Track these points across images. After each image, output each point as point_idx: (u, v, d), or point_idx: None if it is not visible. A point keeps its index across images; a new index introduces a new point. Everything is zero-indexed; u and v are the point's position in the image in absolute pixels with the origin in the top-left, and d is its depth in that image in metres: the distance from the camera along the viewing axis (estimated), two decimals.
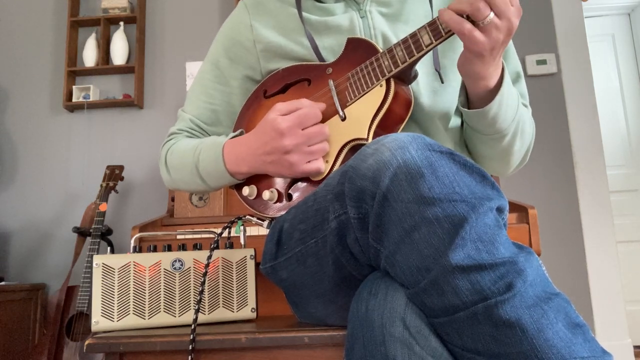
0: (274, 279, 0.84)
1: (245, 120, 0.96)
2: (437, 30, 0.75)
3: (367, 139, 0.79)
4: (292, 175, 0.84)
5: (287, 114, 0.81)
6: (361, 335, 0.59)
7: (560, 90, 2.49)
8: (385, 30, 0.90)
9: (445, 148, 0.60)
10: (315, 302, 0.79)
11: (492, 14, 0.69)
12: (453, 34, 0.74)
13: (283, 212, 0.86)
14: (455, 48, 0.91)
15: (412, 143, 0.59)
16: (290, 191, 0.87)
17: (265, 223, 0.92)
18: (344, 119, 0.83)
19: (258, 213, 0.91)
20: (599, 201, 2.38)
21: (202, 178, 0.93)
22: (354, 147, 0.82)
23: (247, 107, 0.98)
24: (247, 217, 0.94)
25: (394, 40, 0.88)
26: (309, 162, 0.81)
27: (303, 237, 0.74)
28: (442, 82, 0.87)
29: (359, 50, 0.84)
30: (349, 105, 0.83)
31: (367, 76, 0.82)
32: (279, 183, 0.89)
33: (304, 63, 0.91)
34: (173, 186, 1.00)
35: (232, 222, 0.93)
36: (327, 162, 0.83)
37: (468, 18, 0.71)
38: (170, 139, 1.02)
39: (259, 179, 0.91)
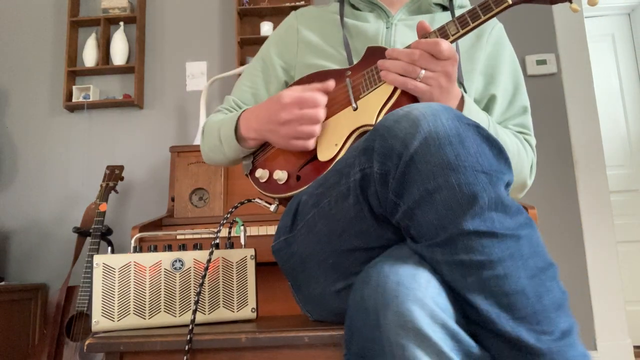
0: (285, 254, 0.85)
1: None
2: (445, 35, 0.85)
3: (374, 125, 0.84)
4: (284, 147, 0.93)
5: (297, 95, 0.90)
6: (358, 322, 0.63)
7: (560, 90, 2.49)
8: (405, 41, 0.98)
9: (472, 121, 0.64)
10: (318, 274, 0.80)
11: (422, 71, 0.81)
12: (461, 37, 0.85)
13: (291, 193, 0.92)
14: (473, 59, 0.99)
15: (443, 112, 0.64)
16: (299, 173, 0.93)
17: (273, 207, 0.98)
18: (355, 109, 0.91)
19: (268, 195, 0.97)
20: (599, 201, 2.38)
21: (221, 141, 1.02)
22: (362, 133, 0.89)
23: None
24: (256, 200, 1.00)
25: None
26: (297, 139, 0.90)
27: (317, 200, 0.78)
28: (465, 92, 0.96)
29: (375, 55, 0.93)
30: (362, 97, 0.91)
31: (380, 73, 0.88)
32: (290, 166, 0.95)
33: (328, 69, 1.00)
34: (204, 156, 1.11)
35: (235, 208, 0.96)
36: (336, 145, 0.90)
37: None
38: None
39: (272, 163, 0.99)
